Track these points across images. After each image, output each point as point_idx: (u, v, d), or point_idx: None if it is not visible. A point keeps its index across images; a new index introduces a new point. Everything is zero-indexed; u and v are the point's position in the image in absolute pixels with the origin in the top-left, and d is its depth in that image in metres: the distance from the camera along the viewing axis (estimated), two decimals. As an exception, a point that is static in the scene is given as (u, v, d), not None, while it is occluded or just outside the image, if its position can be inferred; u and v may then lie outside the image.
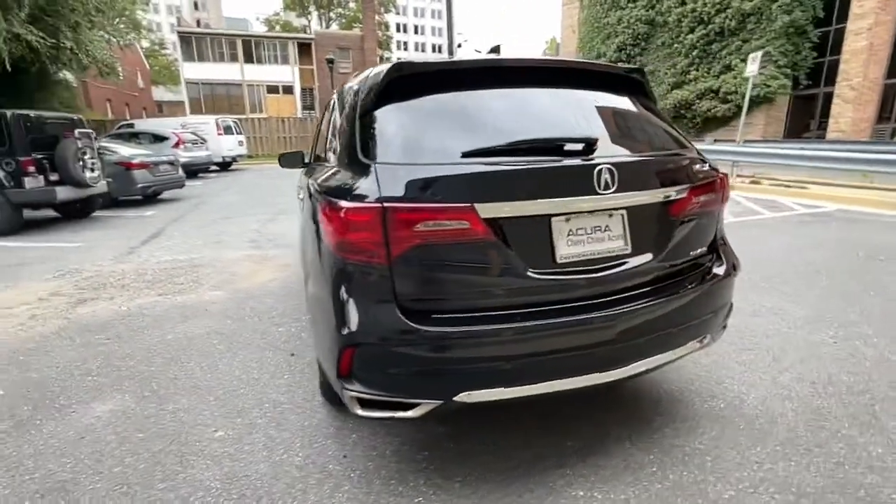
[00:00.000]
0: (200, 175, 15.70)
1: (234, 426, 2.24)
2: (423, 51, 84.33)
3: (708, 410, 2.24)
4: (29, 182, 6.86)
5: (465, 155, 1.55)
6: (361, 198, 1.48)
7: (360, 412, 1.58)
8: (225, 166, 18.20)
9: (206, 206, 9.65)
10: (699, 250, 1.94)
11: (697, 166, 1.89)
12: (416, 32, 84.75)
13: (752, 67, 10.53)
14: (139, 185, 9.30)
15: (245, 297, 4.13)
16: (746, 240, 5.65)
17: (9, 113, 6.77)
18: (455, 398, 1.52)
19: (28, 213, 7.50)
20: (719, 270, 1.97)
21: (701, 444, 2.00)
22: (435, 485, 1.81)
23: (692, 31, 18.34)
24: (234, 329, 3.42)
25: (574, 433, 2.10)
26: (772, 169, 10.27)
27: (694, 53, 18.37)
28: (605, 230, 1.66)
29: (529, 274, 1.55)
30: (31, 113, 7.17)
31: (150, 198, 10.08)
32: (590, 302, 1.63)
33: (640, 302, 1.68)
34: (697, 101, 18.27)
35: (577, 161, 1.61)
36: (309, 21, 51.63)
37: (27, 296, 4.29)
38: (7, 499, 1.82)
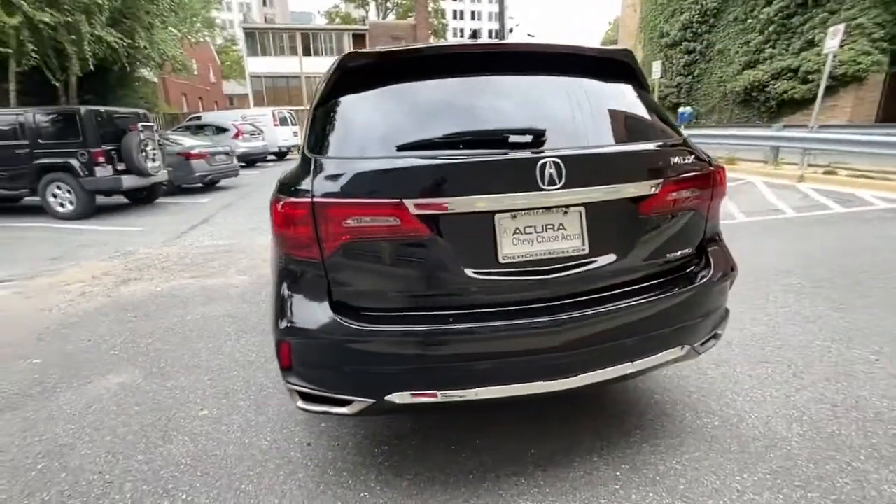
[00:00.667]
0: (258, 164, 16.61)
1: (218, 406, 2.36)
2: (479, 37, 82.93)
3: (698, 428, 2.04)
4: (99, 171, 7.61)
5: (401, 148, 1.49)
6: (298, 193, 1.47)
7: (301, 405, 1.60)
8: (281, 156, 19.12)
9: (256, 194, 10.21)
10: (679, 252, 1.74)
11: (677, 159, 1.69)
12: (472, 18, 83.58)
13: (831, 43, 9.27)
14: (197, 174, 10.02)
15: (266, 282, 4.33)
16: (801, 238, 5.07)
17: (82, 109, 7.53)
18: (386, 398, 1.49)
19: (101, 200, 8.35)
20: (704, 274, 1.76)
21: (678, 465, 1.83)
22: (384, 481, 1.81)
23: (769, 2, 16.50)
24: (246, 312, 3.61)
25: (545, 439, 2.00)
26: (853, 157, 9.08)
27: (770, 29, 16.54)
28: (559, 229, 1.54)
29: (468, 274, 1.47)
30: (101, 108, 7.91)
31: (208, 186, 10.84)
32: (537, 306, 1.52)
33: (597, 308, 1.54)
34: (772, 81, 16.48)
35: (518, 154, 1.49)
36: (367, 12, 52.60)
37: (84, 274, 4.79)
38: (15, 455, 2.05)
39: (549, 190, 1.46)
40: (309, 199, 1.42)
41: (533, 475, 1.80)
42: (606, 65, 1.86)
